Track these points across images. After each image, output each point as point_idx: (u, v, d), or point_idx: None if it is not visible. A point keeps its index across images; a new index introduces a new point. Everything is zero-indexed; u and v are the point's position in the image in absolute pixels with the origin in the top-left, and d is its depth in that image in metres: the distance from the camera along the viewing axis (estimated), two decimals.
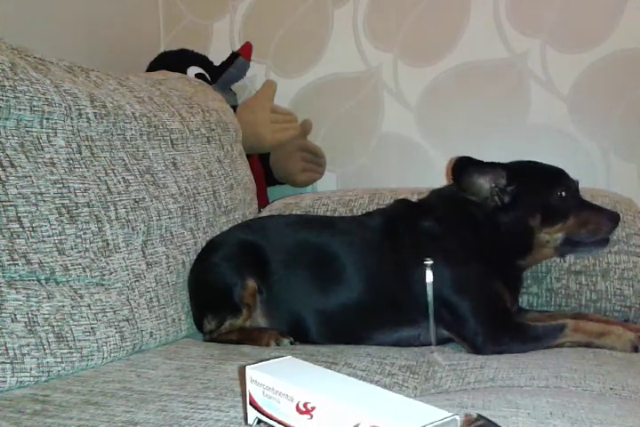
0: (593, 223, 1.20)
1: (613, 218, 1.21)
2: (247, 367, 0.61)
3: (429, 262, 0.64)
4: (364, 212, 1.44)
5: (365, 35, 2.01)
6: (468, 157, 1.19)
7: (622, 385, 0.92)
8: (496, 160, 1.23)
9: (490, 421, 0.51)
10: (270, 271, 1.24)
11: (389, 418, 0.46)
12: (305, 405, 0.54)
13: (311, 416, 0.53)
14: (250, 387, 0.61)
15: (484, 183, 1.19)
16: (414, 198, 1.40)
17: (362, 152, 2.05)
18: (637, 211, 1.42)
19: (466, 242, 1.21)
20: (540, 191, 1.21)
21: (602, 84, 1.80)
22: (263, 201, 1.83)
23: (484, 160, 1.21)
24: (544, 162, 1.27)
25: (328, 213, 1.50)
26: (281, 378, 0.57)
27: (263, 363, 0.62)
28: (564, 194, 1.20)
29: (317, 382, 0.56)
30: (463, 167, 1.19)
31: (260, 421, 0.60)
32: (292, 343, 1.18)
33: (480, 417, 0.51)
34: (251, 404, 0.61)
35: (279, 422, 0.57)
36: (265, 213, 1.58)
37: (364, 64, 2.02)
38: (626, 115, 1.79)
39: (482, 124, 1.93)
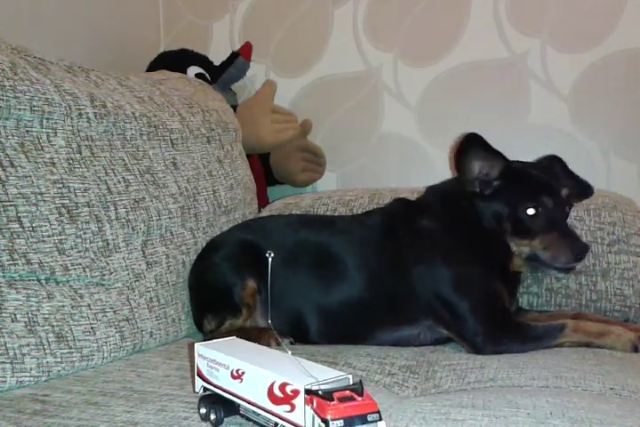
0: (554, 250, 1.15)
1: (579, 250, 1.15)
2: (195, 344, 0.73)
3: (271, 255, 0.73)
4: (364, 211, 1.44)
5: (365, 35, 2.01)
6: (477, 136, 1.18)
7: (622, 385, 0.92)
8: None
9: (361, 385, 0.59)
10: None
11: (295, 377, 0.59)
12: (237, 371, 0.66)
13: (241, 380, 0.65)
14: (197, 360, 0.72)
15: (474, 167, 1.19)
16: (413, 198, 1.40)
17: (362, 152, 2.05)
18: (637, 211, 1.42)
19: (465, 241, 1.21)
20: (513, 202, 1.18)
21: (602, 84, 1.80)
22: (263, 201, 1.83)
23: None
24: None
25: (328, 213, 1.50)
26: (221, 352, 0.69)
27: (210, 341, 0.74)
28: (533, 212, 1.16)
29: (248, 354, 0.68)
30: (468, 145, 1.18)
31: (205, 389, 0.72)
32: (292, 343, 1.18)
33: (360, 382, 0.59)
34: (198, 375, 0.72)
35: (219, 388, 0.69)
36: (265, 213, 1.58)
37: (363, 64, 2.02)
38: (626, 115, 1.79)
39: (482, 124, 1.92)
